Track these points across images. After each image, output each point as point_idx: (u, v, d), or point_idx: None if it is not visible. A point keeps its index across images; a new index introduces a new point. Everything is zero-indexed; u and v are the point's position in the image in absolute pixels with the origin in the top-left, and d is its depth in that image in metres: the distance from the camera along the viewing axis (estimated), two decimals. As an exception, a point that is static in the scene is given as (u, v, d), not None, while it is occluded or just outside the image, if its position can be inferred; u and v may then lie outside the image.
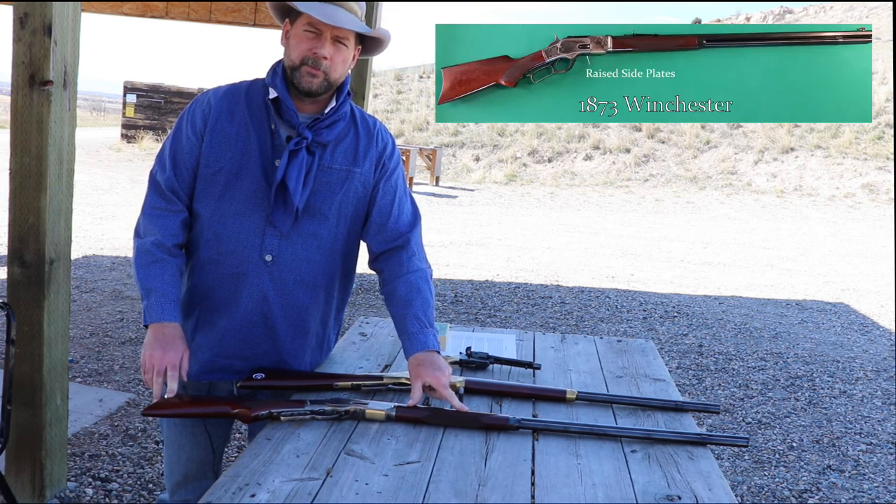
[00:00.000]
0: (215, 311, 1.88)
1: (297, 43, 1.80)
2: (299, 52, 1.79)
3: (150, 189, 1.88)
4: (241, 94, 1.87)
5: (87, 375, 4.35)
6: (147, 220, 1.85)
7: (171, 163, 1.86)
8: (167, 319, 1.77)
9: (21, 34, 2.60)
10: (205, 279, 1.88)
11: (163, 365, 1.72)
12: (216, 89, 1.90)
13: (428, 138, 21.43)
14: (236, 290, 1.86)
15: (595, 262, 9.33)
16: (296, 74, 1.80)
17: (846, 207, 17.01)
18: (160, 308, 1.77)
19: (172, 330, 1.77)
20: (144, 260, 1.82)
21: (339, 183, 1.89)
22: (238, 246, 1.84)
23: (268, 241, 1.84)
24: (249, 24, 6.30)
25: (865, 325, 6.92)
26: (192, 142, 1.84)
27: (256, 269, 1.85)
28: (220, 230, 1.84)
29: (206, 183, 1.85)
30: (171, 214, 1.85)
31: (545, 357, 2.31)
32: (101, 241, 8.40)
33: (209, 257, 1.87)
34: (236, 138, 1.83)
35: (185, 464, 1.98)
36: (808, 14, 45.84)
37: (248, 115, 1.85)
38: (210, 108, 1.84)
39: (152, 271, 1.80)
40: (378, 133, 1.97)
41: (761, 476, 3.64)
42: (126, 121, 22.62)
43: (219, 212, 1.84)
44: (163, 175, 1.86)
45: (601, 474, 1.52)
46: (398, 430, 1.67)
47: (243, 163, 1.82)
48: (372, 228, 1.96)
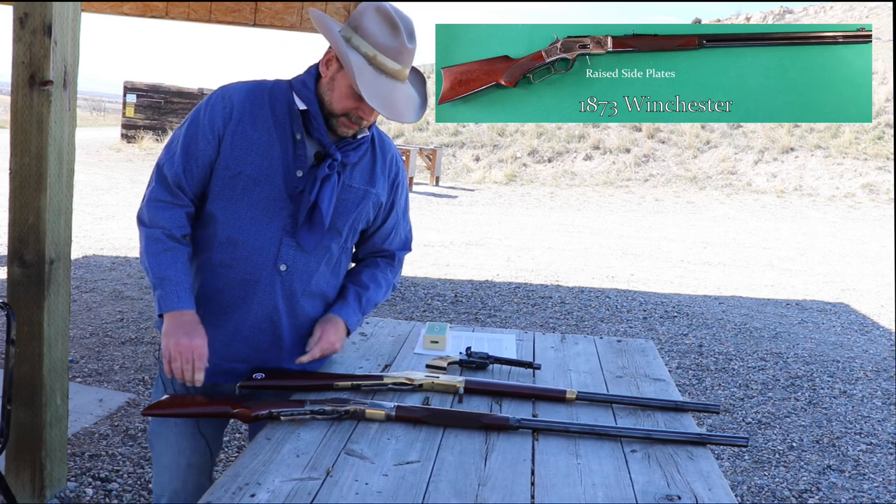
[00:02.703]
0: (223, 315, 1.87)
1: (342, 98, 1.75)
2: (343, 107, 1.75)
3: (156, 179, 1.83)
4: (264, 97, 1.81)
5: (87, 375, 4.35)
6: (153, 211, 1.80)
7: (182, 158, 1.80)
8: (185, 307, 1.76)
9: (21, 34, 2.60)
10: (215, 281, 1.86)
11: (189, 351, 1.71)
12: (238, 86, 1.84)
13: (428, 138, 21.43)
14: (247, 296, 1.85)
15: (595, 262, 9.33)
16: (332, 120, 1.78)
17: (846, 207, 17.01)
18: (176, 296, 1.75)
19: (191, 317, 1.76)
20: (155, 248, 1.78)
21: (355, 202, 1.90)
22: (253, 253, 1.82)
23: (284, 250, 1.83)
24: (249, 24, 6.30)
25: (865, 325, 6.92)
26: (209, 140, 1.79)
27: (269, 278, 1.84)
28: (236, 235, 1.81)
29: (222, 185, 1.81)
30: (177, 207, 1.82)
31: (545, 357, 2.31)
32: (101, 241, 8.40)
33: (221, 260, 1.84)
34: (258, 143, 1.78)
35: (184, 469, 1.94)
36: (808, 14, 45.84)
37: (271, 121, 1.80)
38: (232, 109, 1.79)
39: (164, 259, 1.77)
40: (392, 158, 1.99)
41: (761, 476, 3.64)
42: (126, 121, 22.62)
43: (235, 216, 1.81)
44: (171, 169, 1.81)
45: (601, 474, 1.52)
46: (398, 430, 1.67)
47: (264, 169, 1.79)
48: (368, 244, 2.06)
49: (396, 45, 1.72)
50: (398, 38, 1.73)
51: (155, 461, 1.98)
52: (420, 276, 7.69)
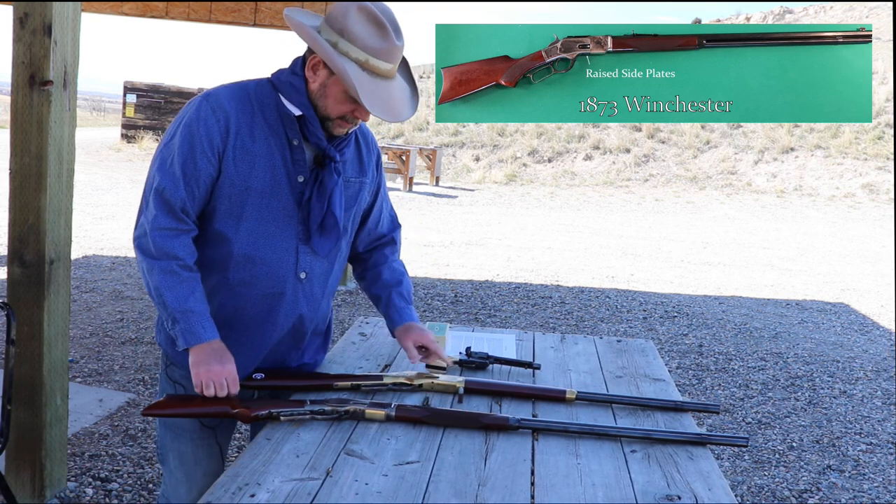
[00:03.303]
0: (246, 331, 1.84)
1: (336, 104, 1.72)
2: (339, 111, 1.73)
3: (156, 206, 1.72)
4: (251, 102, 1.75)
5: (87, 375, 4.35)
6: (161, 241, 1.71)
7: (182, 180, 1.71)
8: (211, 337, 1.74)
9: (21, 34, 2.60)
10: (234, 300, 1.82)
11: (222, 378, 1.71)
12: (224, 93, 1.75)
13: (428, 138, 21.43)
14: (271, 309, 1.83)
15: (595, 262, 9.33)
16: (328, 123, 1.76)
17: (846, 207, 17.01)
18: (202, 327, 1.72)
19: (219, 345, 1.75)
20: (171, 281, 1.71)
21: (354, 196, 1.91)
22: (273, 267, 1.80)
23: (302, 258, 1.82)
24: (249, 24, 6.30)
25: (865, 325, 6.92)
26: (209, 158, 1.71)
27: (293, 288, 1.83)
28: (252, 252, 1.78)
29: (229, 203, 1.75)
30: (183, 234, 1.75)
31: (545, 357, 2.31)
32: (101, 241, 8.40)
33: (241, 279, 1.80)
34: (260, 155, 1.74)
35: (201, 479, 1.92)
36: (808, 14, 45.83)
37: (266, 129, 1.75)
38: (227, 122, 1.72)
39: (182, 291, 1.71)
40: (371, 142, 1.99)
41: (761, 476, 3.64)
42: (126, 121, 22.63)
43: (248, 233, 1.76)
44: (175, 194, 1.71)
45: (601, 474, 1.52)
46: (398, 430, 1.67)
47: (270, 181, 1.75)
48: (363, 232, 2.05)
49: (386, 45, 1.70)
50: (387, 38, 1.70)
51: (169, 474, 1.95)
52: (420, 276, 7.69)
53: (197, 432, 1.90)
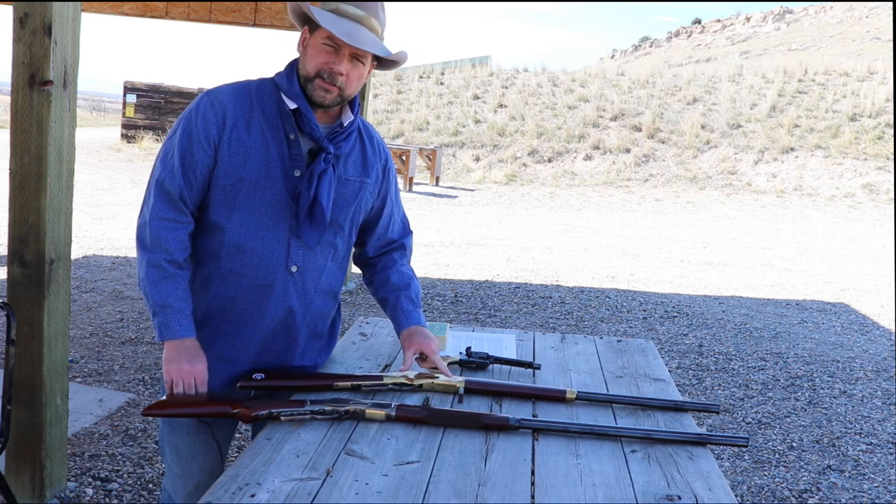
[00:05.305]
0: (238, 323, 1.87)
1: (315, 55, 1.76)
2: (315, 65, 1.76)
3: (156, 196, 1.79)
4: (251, 99, 1.81)
5: (87, 375, 4.35)
6: (155, 232, 1.77)
7: (181, 170, 1.78)
8: (186, 335, 1.78)
9: (21, 34, 2.61)
10: (226, 290, 1.85)
11: (191, 377, 1.77)
12: (225, 89, 1.82)
13: (428, 138, 21.43)
14: (262, 302, 1.85)
15: (595, 262, 9.33)
16: (309, 86, 1.78)
17: (846, 207, 17.01)
18: (178, 324, 1.77)
19: (192, 343, 1.80)
20: (156, 276, 1.77)
21: (353, 194, 1.92)
22: (264, 258, 1.83)
23: (293, 252, 1.84)
24: (249, 24, 6.31)
25: (865, 325, 6.92)
26: (205, 149, 1.77)
27: (283, 281, 1.85)
28: (243, 242, 1.81)
29: (223, 193, 1.80)
30: (180, 226, 1.79)
31: (545, 357, 2.31)
32: (101, 241, 8.40)
33: (231, 269, 1.83)
34: (255, 148, 1.78)
35: (197, 473, 1.96)
36: (808, 14, 45.81)
37: (263, 123, 1.80)
38: (224, 115, 1.78)
39: (165, 287, 1.77)
40: (379, 145, 2.01)
41: (761, 476, 3.64)
42: (126, 121, 22.63)
43: (240, 223, 1.81)
44: (173, 183, 1.78)
45: (601, 474, 1.52)
46: (398, 430, 1.67)
47: (264, 173, 1.79)
48: (373, 236, 2.07)
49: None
50: None
51: (168, 469, 2.00)
52: (420, 276, 7.66)
53: (193, 427, 1.93)
